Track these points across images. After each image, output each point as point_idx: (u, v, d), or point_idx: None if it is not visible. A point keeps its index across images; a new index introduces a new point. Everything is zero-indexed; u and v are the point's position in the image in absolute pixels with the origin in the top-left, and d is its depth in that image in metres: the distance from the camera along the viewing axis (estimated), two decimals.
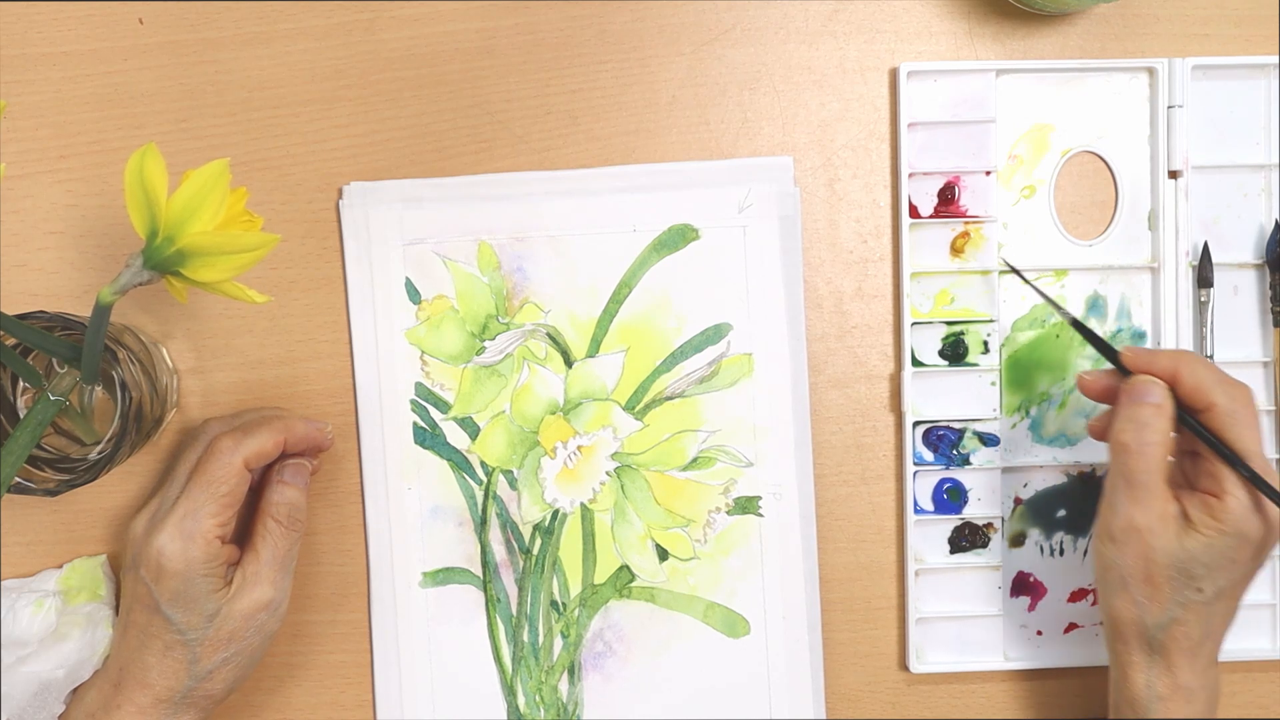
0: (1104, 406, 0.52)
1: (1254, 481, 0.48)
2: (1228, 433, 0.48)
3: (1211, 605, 0.49)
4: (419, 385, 0.57)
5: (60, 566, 0.56)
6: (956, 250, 0.58)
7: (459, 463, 0.57)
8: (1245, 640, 0.59)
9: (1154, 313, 0.58)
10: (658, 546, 0.58)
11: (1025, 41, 0.58)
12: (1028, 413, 0.58)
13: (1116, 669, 0.52)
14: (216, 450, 0.51)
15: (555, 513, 0.58)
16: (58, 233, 0.56)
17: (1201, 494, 0.49)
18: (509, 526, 0.58)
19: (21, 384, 0.53)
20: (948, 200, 0.58)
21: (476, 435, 0.57)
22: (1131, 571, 0.49)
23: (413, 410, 0.57)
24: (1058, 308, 0.54)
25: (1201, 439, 0.49)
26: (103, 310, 0.44)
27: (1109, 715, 0.53)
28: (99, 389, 0.53)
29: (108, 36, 0.56)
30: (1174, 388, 0.50)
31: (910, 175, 0.57)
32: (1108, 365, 0.52)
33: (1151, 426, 0.49)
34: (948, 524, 0.59)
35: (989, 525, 0.59)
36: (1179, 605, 0.49)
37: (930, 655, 0.59)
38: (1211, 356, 0.57)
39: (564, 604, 0.58)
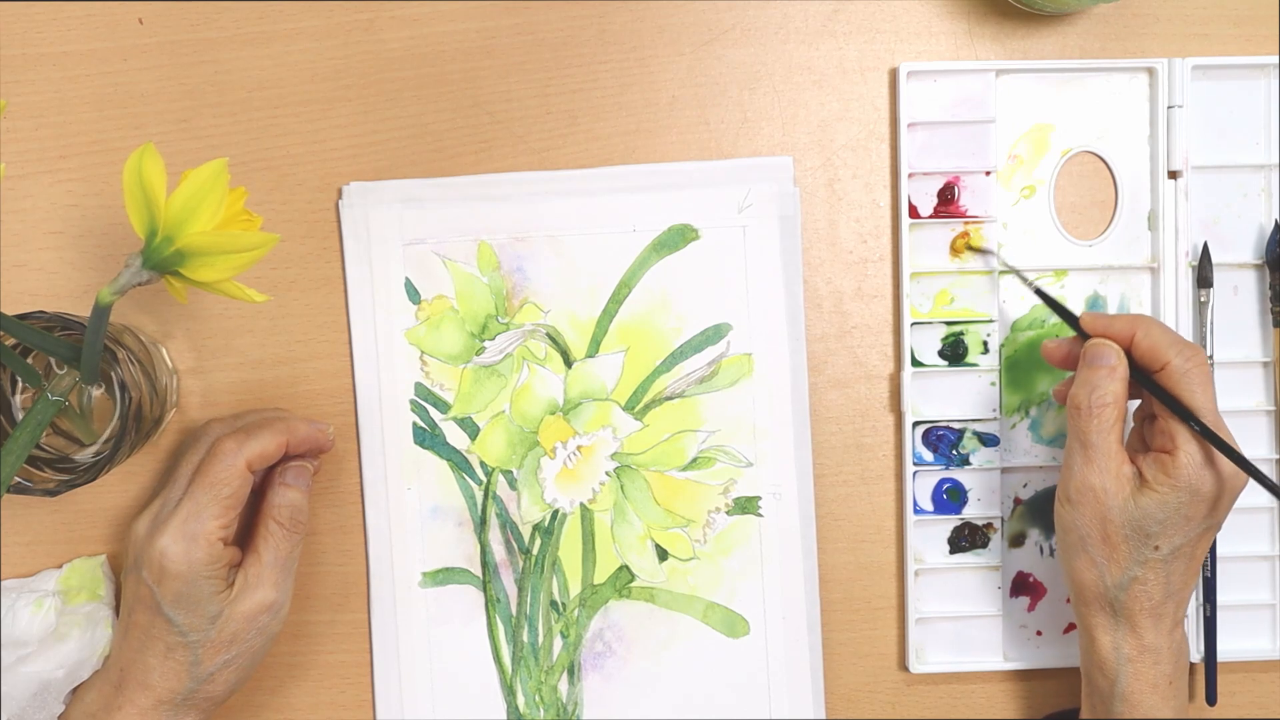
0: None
1: (1204, 435, 0.49)
2: (1180, 390, 0.49)
3: (1169, 564, 0.50)
4: (419, 385, 0.57)
5: (60, 566, 0.56)
6: (956, 250, 0.58)
7: (459, 463, 0.57)
8: (1245, 640, 0.59)
9: (1154, 313, 0.58)
10: (657, 546, 0.58)
11: (1025, 41, 0.58)
12: (1027, 413, 0.58)
13: (1084, 634, 0.52)
14: (219, 452, 0.51)
15: (555, 513, 0.58)
16: (58, 233, 0.56)
17: (1155, 452, 0.50)
18: (509, 527, 0.58)
19: (21, 384, 0.53)
20: (947, 200, 0.58)
21: (476, 435, 0.57)
22: (1088, 532, 0.50)
23: (412, 410, 0.57)
24: (1021, 276, 0.56)
25: (1155, 395, 0.50)
26: (102, 310, 0.44)
27: (1082, 682, 0.54)
28: (99, 389, 0.53)
29: (108, 36, 0.56)
30: (1130, 350, 0.51)
31: (910, 175, 0.57)
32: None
33: (1103, 388, 0.50)
34: (947, 524, 0.59)
35: (989, 525, 0.59)
36: (1137, 564, 0.50)
37: (930, 655, 0.59)
38: (1211, 357, 0.57)
39: (564, 604, 0.58)
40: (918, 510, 0.58)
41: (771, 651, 0.58)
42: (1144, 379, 0.51)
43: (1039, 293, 0.55)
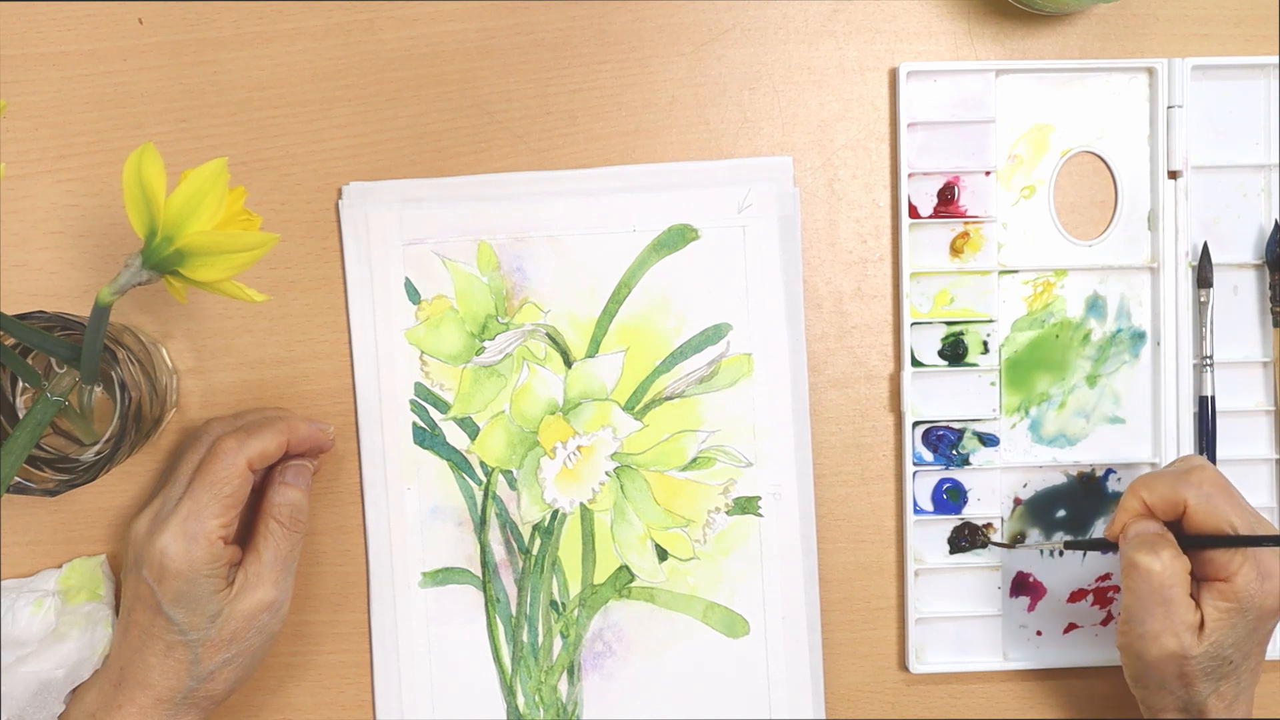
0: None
1: (1258, 542, 0.49)
2: (1214, 516, 0.49)
3: (1240, 669, 0.50)
4: (419, 385, 0.57)
5: (60, 566, 0.56)
6: (956, 250, 0.58)
7: (459, 463, 0.57)
8: None
9: (1153, 313, 0.58)
10: (657, 546, 0.58)
11: (1025, 41, 0.58)
12: (1027, 413, 0.58)
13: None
14: (220, 451, 0.51)
15: (555, 513, 0.58)
16: (58, 233, 0.56)
17: (1211, 582, 0.50)
18: (508, 527, 0.58)
19: (21, 384, 0.53)
20: (947, 200, 0.58)
21: (476, 435, 0.57)
22: (1168, 680, 0.50)
23: (412, 410, 0.57)
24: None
25: (1196, 546, 0.50)
26: (102, 310, 0.44)
27: None
28: (98, 389, 0.53)
29: (108, 36, 0.56)
30: (1152, 514, 0.51)
31: (910, 175, 0.57)
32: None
33: (1160, 544, 0.50)
34: (947, 524, 0.59)
35: (989, 525, 0.59)
36: (1215, 681, 0.50)
37: (930, 655, 0.59)
38: (1211, 356, 0.57)
39: (563, 604, 0.58)
40: (918, 510, 0.58)
41: (771, 651, 0.58)
42: (1178, 535, 0.50)
43: (1067, 544, 0.56)
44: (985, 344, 0.58)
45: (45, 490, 0.50)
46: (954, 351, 0.58)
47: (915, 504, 0.58)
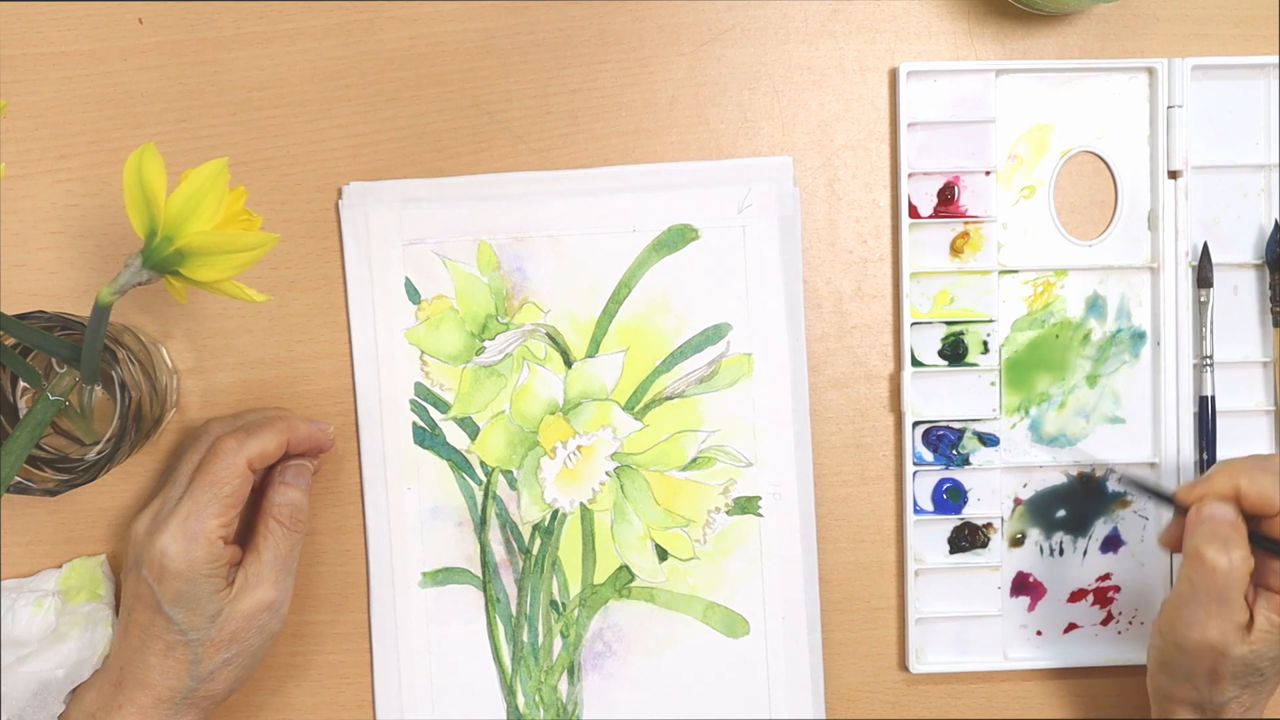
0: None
1: None
2: None
3: (1267, 683, 0.50)
4: (419, 385, 0.57)
5: (60, 566, 0.56)
6: (956, 250, 0.58)
7: (459, 463, 0.57)
8: None
9: (1154, 313, 0.58)
10: (657, 546, 0.58)
11: (1025, 41, 0.58)
12: (1027, 413, 0.58)
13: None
14: (220, 451, 0.51)
15: (555, 513, 0.58)
16: (58, 233, 0.56)
17: (1268, 592, 0.49)
18: (508, 526, 0.58)
19: (21, 384, 0.53)
20: (947, 200, 0.58)
21: (476, 435, 0.57)
22: (1197, 673, 0.50)
23: (412, 410, 0.57)
24: (1140, 484, 0.55)
25: (1273, 550, 0.49)
26: (102, 310, 0.44)
27: None
28: (99, 389, 0.53)
29: (108, 36, 0.56)
30: (1238, 501, 0.49)
31: (910, 175, 0.57)
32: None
33: (1237, 546, 0.48)
34: (947, 524, 0.59)
35: (989, 525, 0.59)
36: (1240, 688, 0.49)
37: (930, 655, 0.59)
38: (1211, 356, 0.57)
39: (563, 604, 0.58)
40: (918, 510, 0.58)
41: (771, 651, 0.58)
42: (1256, 538, 0.49)
43: (1134, 484, 0.55)
44: (985, 344, 0.58)
45: (45, 490, 0.50)
46: (954, 351, 0.58)
47: (915, 504, 0.58)
